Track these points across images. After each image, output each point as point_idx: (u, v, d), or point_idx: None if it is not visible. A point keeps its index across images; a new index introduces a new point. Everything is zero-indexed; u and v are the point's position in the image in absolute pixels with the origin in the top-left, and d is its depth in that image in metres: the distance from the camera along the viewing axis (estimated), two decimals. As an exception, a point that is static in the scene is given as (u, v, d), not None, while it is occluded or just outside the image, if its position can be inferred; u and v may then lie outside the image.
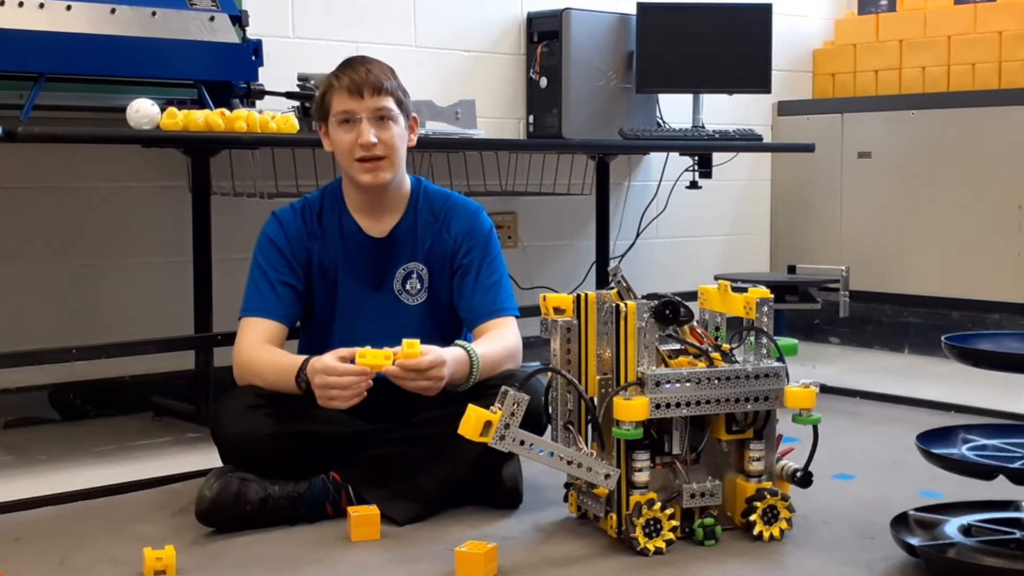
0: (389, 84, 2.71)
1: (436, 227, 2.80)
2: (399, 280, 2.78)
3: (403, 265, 2.78)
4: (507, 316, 2.77)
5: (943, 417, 3.57)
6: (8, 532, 2.53)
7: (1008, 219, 4.45)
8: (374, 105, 2.68)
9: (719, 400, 2.41)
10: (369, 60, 2.75)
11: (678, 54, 4.37)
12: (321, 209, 2.80)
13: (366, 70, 2.70)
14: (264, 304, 2.72)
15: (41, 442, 3.29)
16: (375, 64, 2.73)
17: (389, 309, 2.78)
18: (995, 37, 4.63)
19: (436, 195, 2.85)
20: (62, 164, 3.47)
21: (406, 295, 2.79)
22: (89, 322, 3.52)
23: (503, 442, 2.26)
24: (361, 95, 2.67)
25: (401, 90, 2.74)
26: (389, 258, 2.78)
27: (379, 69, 2.72)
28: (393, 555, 2.37)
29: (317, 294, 2.79)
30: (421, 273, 2.79)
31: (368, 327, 2.75)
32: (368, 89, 2.67)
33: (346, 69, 2.72)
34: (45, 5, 2.97)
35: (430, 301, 2.79)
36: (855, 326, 4.88)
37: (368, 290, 2.79)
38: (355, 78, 2.68)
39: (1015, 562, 2.16)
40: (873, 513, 2.59)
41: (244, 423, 2.59)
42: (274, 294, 2.73)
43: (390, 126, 2.70)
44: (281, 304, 2.73)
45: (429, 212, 2.81)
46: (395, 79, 2.74)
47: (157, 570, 2.23)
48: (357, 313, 2.78)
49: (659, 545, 2.36)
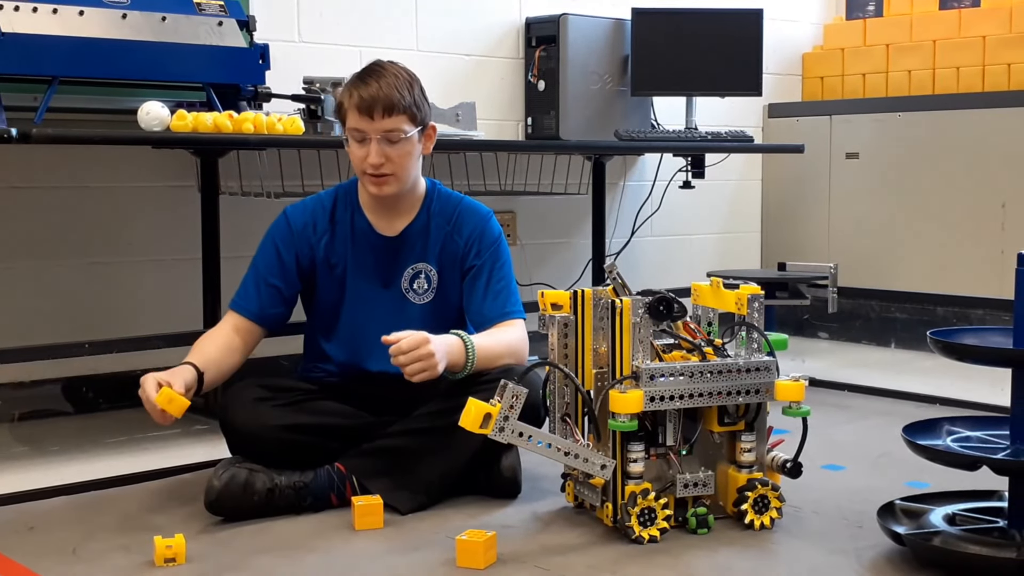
0: (403, 101, 2.62)
1: (448, 229, 2.78)
2: (407, 279, 2.78)
3: (412, 264, 2.77)
4: (514, 319, 2.76)
5: (928, 409, 3.57)
6: (22, 521, 2.53)
7: (992, 218, 4.45)
8: (383, 127, 2.61)
9: (711, 393, 2.41)
10: (385, 72, 2.65)
11: (672, 58, 4.37)
12: (334, 206, 2.79)
13: (378, 87, 2.61)
14: (244, 301, 2.76)
15: (54, 434, 3.29)
16: (391, 77, 2.64)
17: (395, 307, 2.78)
18: (979, 41, 4.63)
19: (449, 198, 2.83)
20: (75, 165, 3.47)
21: (413, 294, 2.78)
22: (101, 318, 3.51)
23: (502, 434, 2.26)
24: (371, 116, 2.61)
25: (416, 104, 2.65)
26: (398, 257, 2.78)
27: (394, 84, 2.62)
28: (396, 543, 2.37)
29: (322, 287, 2.79)
30: (430, 274, 2.78)
31: (372, 323, 2.75)
32: (379, 110, 2.60)
33: (359, 84, 2.64)
34: (58, 11, 2.97)
35: (437, 301, 2.78)
36: (843, 322, 4.88)
37: (376, 287, 2.78)
38: (367, 96, 2.60)
39: (998, 550, 2.16)
40: (861, 502, 2.59)
41: (252, 415, 2.60)
42: (256, 292, 2.75)
43: (400, 145, 2.64)
44: (260, 303, 2.74)
45: (441, 215, 2.79)
46: (410, 92, 2.65)
47: (167, 558, 2.23)
48: (363, 308, 2.78)
49: (653, 534, 2.36)
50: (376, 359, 2.76)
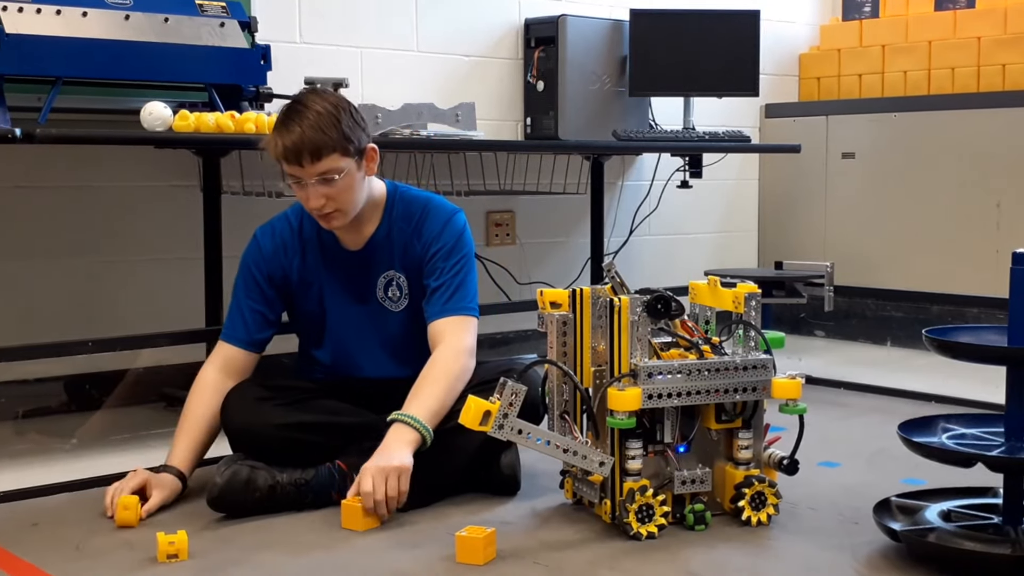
0: (329, 141, 2.49)
1: (409, 233, 2.73)
2: (381, 288, 2.75)
3: (383, 273, 2.75)
4: (463, 316, 2.67)
5: (924, 407, 3.56)
6: (26, 518, 2.53)
7: (987, 217, 4.45)
8: (316, 172, 2.51)
9: (709, 391, 2.40)
10: (307, 112, 2.50)
11: (670, 59, 4.37)
12: (301, 224, 2.75)
13: (301, 131, 2.48)
14: (232, 331, 2.74)
15: (58, 431, 3.28)
16: (313, 116, 2.49)
17: (373, 317, 2.76)
18: (974, 42, 4.63)
19: (414, 200, 2.76)
20: (78, 165, 3.46)
21: (389, 302, 2.76)
22: (104, 316, 3.51)
23: (502, 431, 2.26)
24: (301, 163, 2.50)
25: (346, 137, 2.51)
26: (368, 269, 2.75)
27: (318, 124, 2.49)
28: (396, 540, 2.37)
29: (301, 304, 2.78)
30: (400, 281, 2.75)
31: (353, 334, 2.76)
32: (307, 156, 2.49)
33: (283, 131, 2.50)
34: (62, 12, 2.96)
35: (412, 307, 2.75)
36: (839, 320, 4.88)
37: (353, 299, 2.76)
38: (290, 144, 2.49)
39: (992, 546, 2.16)
40: (857, 499, 2.59)
41: (253, 414, 2.59)
42: (242, 320, 2.73)
43: (337, 183, 2.54)
44: (247, 331, 2.73)
45: (404, 219, 2.73)
46: (336, 128, 2.50)
47: (170, 554, 2.23)
48: (344, 321, 2.77)
49: (651, 530, 2.36)
50: (366, 366, 2.77)
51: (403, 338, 2.76)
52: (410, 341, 2.74)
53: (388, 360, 2.77)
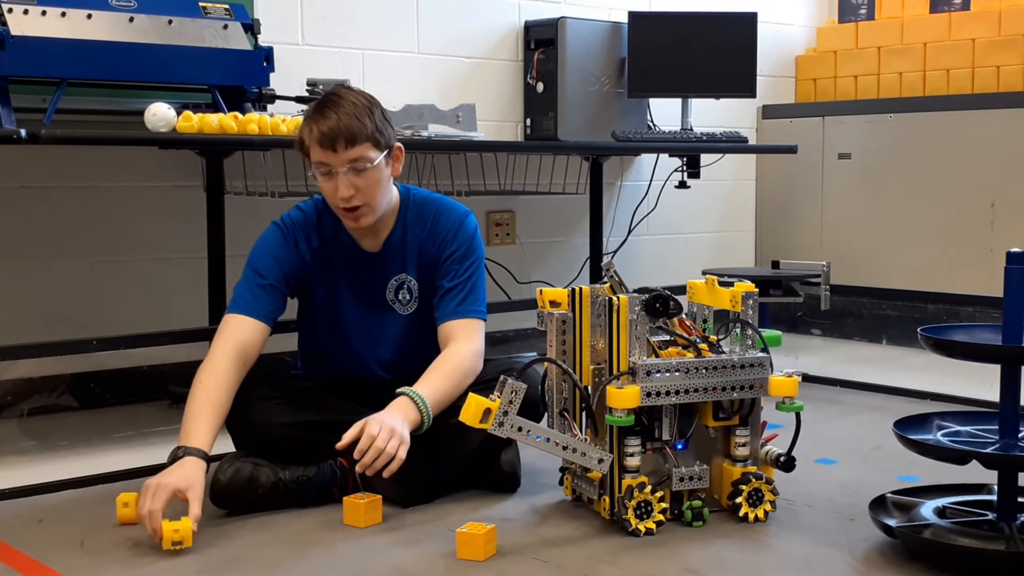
0: (364, 130, 2.52)
1: (423, 236, 2.73)
2: (391, 291, 2.75)
3: (395, 276, 2.75)
4: (471, 319, 2.68)
5: (919, 405, 3.57)
6: (31, 514, 2.53)
7: (981, 217, 4.45)
8: (348, 158, 2.53)
9: (707, 388, 2.41)
10: (343, 102, 2.54)
11: (668, 60, 4.37)
12: (319, 221, 2.73)
13: (338, 118, 2.51)
14: (244, 303, 2.63)
15: (62, 429, 3.29)
16: (349, 106, 2.53)
17: (381, 318, 2.76)
18: (969, 44, 4.63)
19: (426, 202, 2.76)
20: (83, 165, 3.46)
21: (398, 304, 2.76)
22: (108, 315, 3.51)
23: (502, 428, 2.26)
24: (334, 148, 2.52)
25: (379, 129, 2.55)
26: (381, 271, 2.75)
27: (353, 113, 2.52)
28: (397, 536, 2.37)
29: (311, 298, 2.76)
30: (410, 284, 2.75)
31: (360, 334, 2.76)
32: (341, 142, 2.51)
33: (319, 118, 2.53)
34: (67, 14, 2.96)
35: (421, 310, 2.75)
36: (836, 318, 4.88)
37: (363, 299, 2.76)
38: (327, 130, 2.51)
39: (987, 542, 2.16)
40: (853, 496, 2.59)
41: (256, 412, 2.59)
42: (252, 294, 2.63)
43: (367, 174, 2.55)
44: (264, 305, 2.63)
45: (418, 222, 2.74)
46: (371, 118, 2.54)
47: (174, 540, 2.24)
48: (351, 320, 2.76)
49: (650, 526, 2.36)
50: (370, 366, 2.77)
51: (409, 340, 2.76)
52: (415, 343, 2.75)
53: (392, 360, 2.77)
